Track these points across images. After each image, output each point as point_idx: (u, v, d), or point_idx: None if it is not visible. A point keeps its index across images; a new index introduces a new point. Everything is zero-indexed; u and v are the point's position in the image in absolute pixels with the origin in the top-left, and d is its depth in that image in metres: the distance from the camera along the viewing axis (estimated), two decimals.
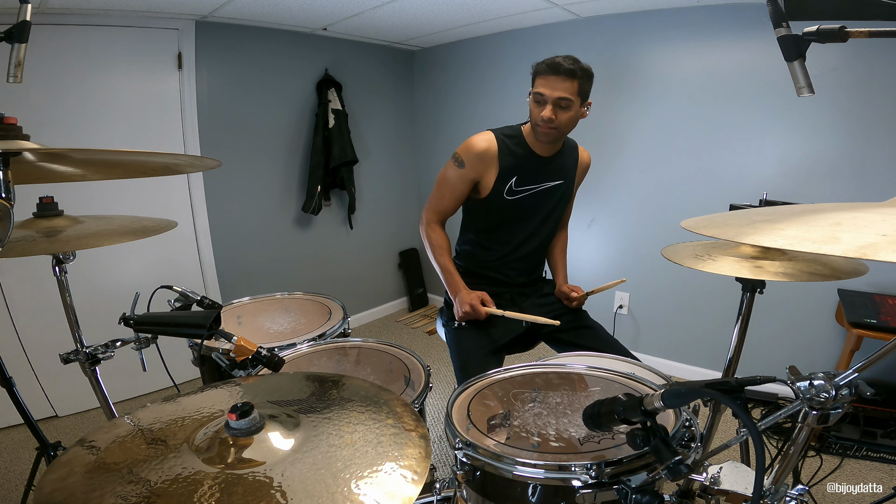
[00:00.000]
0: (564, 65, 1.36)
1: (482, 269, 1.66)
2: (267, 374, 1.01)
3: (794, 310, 2.40)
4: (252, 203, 2.94)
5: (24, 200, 0.94)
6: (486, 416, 1.01)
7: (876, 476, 1.90)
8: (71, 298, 1.23)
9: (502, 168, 1.50)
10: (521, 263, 1.64)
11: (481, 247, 1.65)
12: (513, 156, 1.51)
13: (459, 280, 1.56)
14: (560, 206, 1.64)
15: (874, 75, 2.06)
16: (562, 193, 1.61)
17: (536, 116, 1.42)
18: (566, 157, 1.59)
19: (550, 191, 1.58)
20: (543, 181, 1.56)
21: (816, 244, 0.48)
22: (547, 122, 1.40)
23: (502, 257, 1.62)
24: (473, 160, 1.50)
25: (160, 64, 2.45)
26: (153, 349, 1.22)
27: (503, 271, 1.64)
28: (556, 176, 1.57)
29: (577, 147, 1.64)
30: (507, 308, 1.50)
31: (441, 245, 1.60)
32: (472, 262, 1.68)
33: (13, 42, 0.92)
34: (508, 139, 1.52)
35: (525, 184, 1.53)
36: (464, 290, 1.52)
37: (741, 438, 0.83)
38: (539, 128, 1.44)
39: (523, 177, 1.52)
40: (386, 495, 0.56)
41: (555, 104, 1.38)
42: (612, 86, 2.75)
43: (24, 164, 0.99)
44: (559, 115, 1.40)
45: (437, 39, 3.30)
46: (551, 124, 1.40)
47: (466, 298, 1.49)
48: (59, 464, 0.62)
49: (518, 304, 1.62)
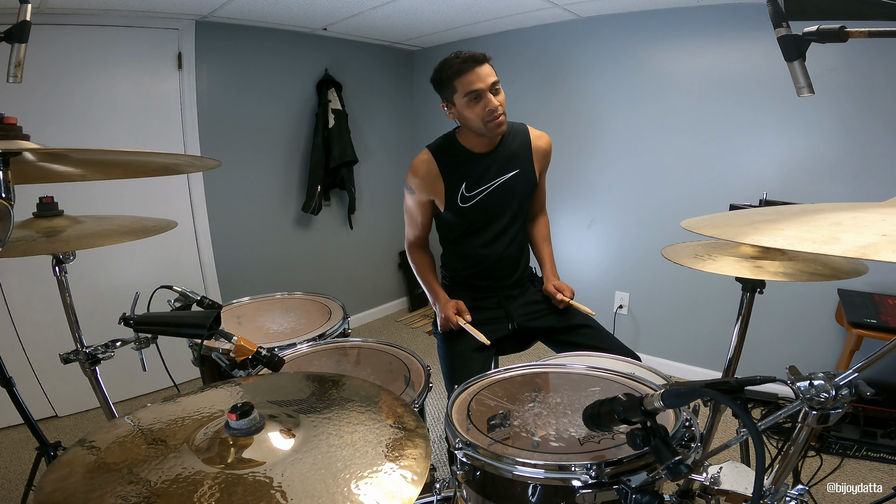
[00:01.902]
0: (477, 54, 1.35)
1: (466, 278, 1.66)
2: (267, 374, 1.01)
3: (794, 310, 2.40)
4: (252, 203, 2.94)
5: (24, 200, 0.94)
6: (486, 416, 1.00)
7: (876, 476, 1.90)
8: (71, 298, 1.23)
9: (447, 179, 1.50)
10: (502, 264, 1.61)
11: (458, 256, 1.65)
12: (453, 164, 1.49)
13: (439, 291, 1.59)
14: (525, 196, 1.59)
15: (874, 75, 2.06)
16: (522, 182, 1.55)
17: (481, 114, 1.37)
18: (513, 145, 1.53)
19: (508, 183, 1.53)
20: (496, 177, 1.52)
21: (816, 244, 0.48)
22: (495, 112, 1.36)
23: (480, 262, 1.61)
24: (419, 184, 1.51)
25: (160, 64, 2.45)
26: (153, 349, 1.22)
27: (486, 276, 1.63)
28: (507, 168, 1.53)
29: (525, 129, 1.57)
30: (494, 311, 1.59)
31: (421, 265, 1.65)
32: (455, 272, 1.69)
33: (13, 42, 0.92)
34: (444, 149, 1.51)
35: (476, 186, 1.51)
36: (441, 300, 1.56)
37: (741, 438, 0.83)
38: (490, 123, 1.38)
39: (471, 180, 1.50)
40: (386, 495, 0.56)
41: (492, 91, 1.36)
42: (612, 86, 2.75)
43: (24, 164, 1.00)
44: (500, 101, 1.38)
45: (437, 39, 3.30)
46: (499, 112, 1.37)
47: (442, 310, 1.52)
48: (59, 464, 0.63)
49: (506, 308, 1.61)
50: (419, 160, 1.51)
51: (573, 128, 2.92)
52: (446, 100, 1.44)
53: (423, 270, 1.64)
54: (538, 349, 1.69)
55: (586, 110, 2.87)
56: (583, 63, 2.82)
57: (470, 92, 1.36)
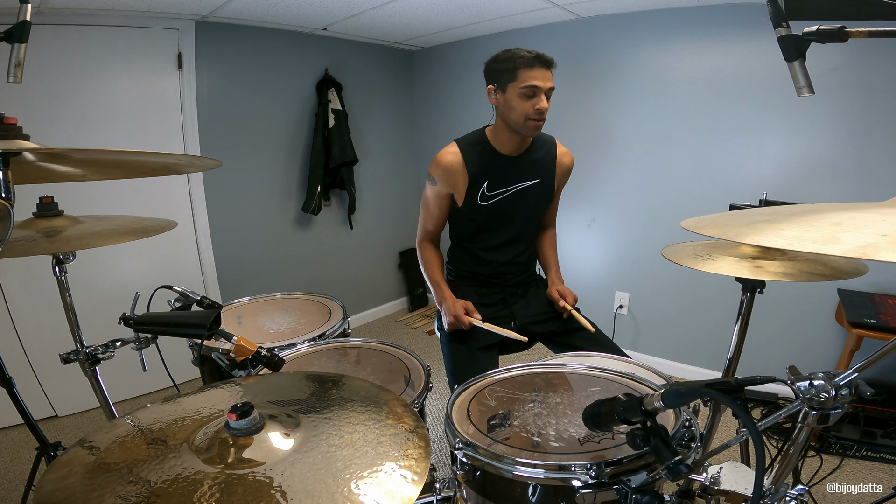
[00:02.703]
0: (547, 57, 1.37)
1: (472, 274, 1.66)
2: (267, 374, 1.01)
3: (794, 310, 2.40)
4: (252, 203, 2.94)
5: (24, 200, 0.94)
6: (486, 416, 1.01)
7: (876, 476, 1.90)
8: (71, 298, 1.23)
9: (471, 175, 1.50)
10: (509, 267, 1.63)
11: (467, 253, 1.65)
12: (480, 161, 1.50)
13: (445, 290, 1.56)
14: (540, 206, 1.61)
15: (874, 75, 2.06)
16: (539, 192, 1.57)
17: (529, 110, 1.38)
18: (538, 154, 1.55)
19: (527, 191, 1.55)
20: (517, 182, 1.53)
21: (816, 244, 0.48)
22: (542, 112, 1.38)
23: (488, 262, 1.62)
24: (442, 175, 1.51)
25: (160, 64, 2.45)
26: (153, 349, 1.22)
27: (495, 275, 1.64)
28: (530, 175, 1.54)
29: (554, 143, 1.60)
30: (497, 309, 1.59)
31: (430, 261, 1.63)
32: (462, 268, 1.69)
33: (13, 42, 0.92)
34: (473, 146, 1.52)
35: (498, 187, 1.52)
36: (449, 300, 1.52)
37: (741, 438, 0.83)
38: (531, 122, 1.40)
39: (494, 180, 1.52)
40: (386, 495, 0.56)
41: (546, 94, 1.38)
42: (612, 86, 2.75)
43: (24, 164, 1.00)
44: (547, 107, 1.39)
45: (437, 39, 3.30)
46: (544, 115, 1.39)
47: (451, 309, 1.49)
48: (59, 464, 0.62)
49: (509, 307, 1.62)
50: (445, 151, 1.51)
51: (573, 128, 2.92)
52: (500, 85, 1.42)
53: (431, 267, 1.62)
54: (538, 349, 1.69)
55: (586, 110, 2.87)
56: (583, 63, 2.82)
57: (530, 86, 1.36)
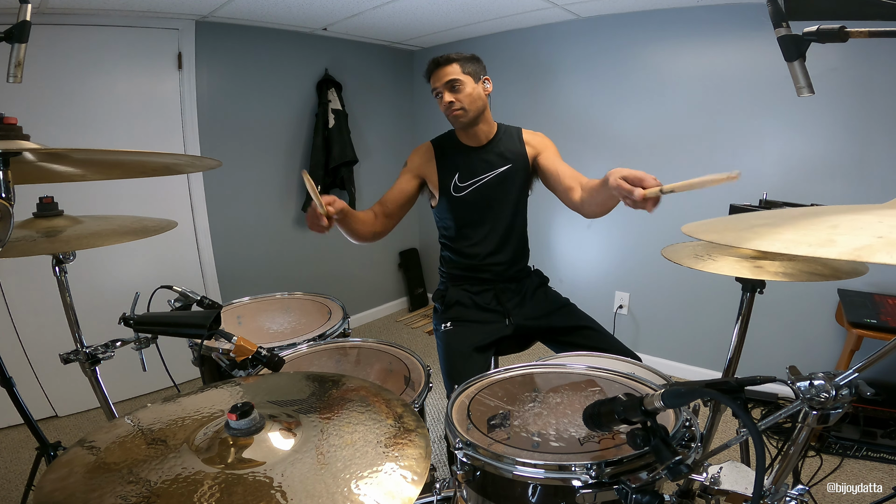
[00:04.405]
0: (440, 57, 1.51)
1: (463, 271, 1.67)
2: (267, 374, 1.01)
3: (794, 310, 2.40)
4: (252, 203, 2.94)
5: (24, 200, 0.94)
6: (486, 416, 1.01)
7: (876, 476, 1.90)
8: (71, 298, 1.23)
9: (441, 167, 1.61)
10: (498, 257, 1.63)
11: (454, 252, 1.67)
12: (449, 153, 1.62)
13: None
14: (519, 192, 1.62)
15: (874, 75, 2.06)
16: (513, 177, 1.60)
17: (443, 108, 1.53)
18: (505, 143, 1.62)
19: (500, 178, 1.59)
20: (488, 171, 1.59)
21: (812, 247, 0.48)
22: (449, 106, 1.51)
23: (476, 255, 1.63)
24: (413, 159, 1.66)
25: (160, 64, 2.45)
26: (153, 349, 1.22)
27: (483, 269, 1.64)
28: (500, 162, 1.60)
29: (520, 130, 1.67)
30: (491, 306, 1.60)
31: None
32: (451, 268, 1.69)
33: (13, 42, 0.92)
34: (443, 140, 1.66)
35: (469, 177, 1.59)
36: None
37: (741, 438, 0.83)
38: (449, 116, 1.54)
39: (464, 171, 1.59)
40: (386, 495, 0.56)
41: (447, 89, 1.49)
42: (611, 86, 2.75)
43: (24, 164, 1.00)
44: (457, 97, 1.50)
45: (437, 39, 3.30)
46: (454, 107, 1.50)
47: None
48: (59, 464, 0.63)
49: (503, 304, 1.62)
50: (420, 146, 1.68)
51: (573, 127, 2.92)
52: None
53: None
54: (538, 349, 1.69)
55: (586, 110, 2.87)
56: (583, 63, 2.82)
57: (433, 90, 1.54)
